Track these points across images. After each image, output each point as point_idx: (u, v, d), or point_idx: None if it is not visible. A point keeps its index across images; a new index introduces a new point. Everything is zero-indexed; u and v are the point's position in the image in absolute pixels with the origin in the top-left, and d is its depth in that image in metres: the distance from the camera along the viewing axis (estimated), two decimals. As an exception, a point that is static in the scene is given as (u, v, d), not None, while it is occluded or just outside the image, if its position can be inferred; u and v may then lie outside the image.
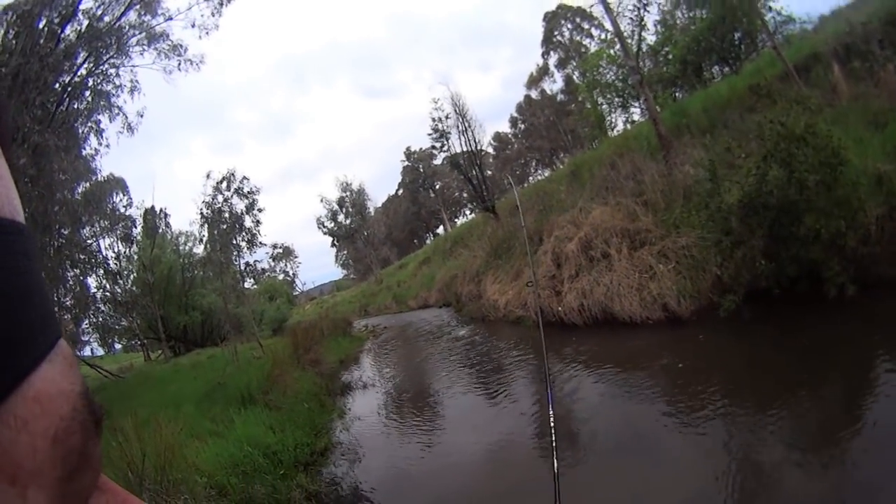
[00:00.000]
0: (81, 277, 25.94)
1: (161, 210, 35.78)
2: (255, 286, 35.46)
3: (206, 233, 24.54)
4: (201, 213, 23.78)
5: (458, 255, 30.16)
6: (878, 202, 8.57)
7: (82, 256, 24.42)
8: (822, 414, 6.09)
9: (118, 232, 29.98)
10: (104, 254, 29.00)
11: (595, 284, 13.18)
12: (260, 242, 25.41)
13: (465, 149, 30.90)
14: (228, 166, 33.70)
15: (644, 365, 9.61)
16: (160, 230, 35.61)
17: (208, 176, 23.70)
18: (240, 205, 24.48)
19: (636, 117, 32.67)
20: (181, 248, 36.31)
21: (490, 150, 62.11)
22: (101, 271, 27.71)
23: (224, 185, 23.98)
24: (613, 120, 35.31)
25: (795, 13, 24.55)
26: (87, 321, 29.55)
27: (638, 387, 8.76)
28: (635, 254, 12.99)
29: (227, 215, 24.04)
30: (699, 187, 11.84)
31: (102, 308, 30.74)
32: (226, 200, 23.96)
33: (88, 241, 26.17)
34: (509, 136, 68.71)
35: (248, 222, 24.73)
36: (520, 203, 11.15)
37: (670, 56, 29.07)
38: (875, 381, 6.22)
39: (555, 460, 2.74)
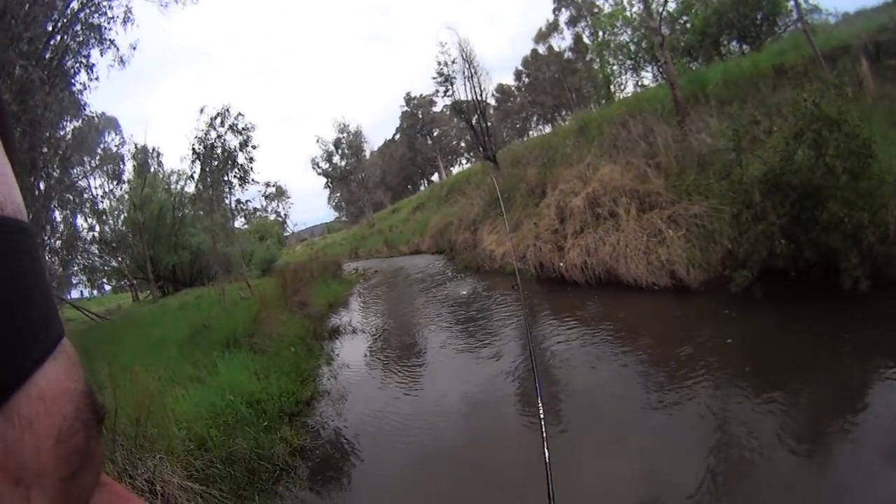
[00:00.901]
0: (71, 219, 25.72)
1: (154, 149, 35.48)
2: (246, 226, 35.35)
3: (197, 169, 24.01)
4: (193, 149, 23.28)
5: (454, 202, 29.75)
6: None
7: (70, 196, 24.04)
8: (819, 404, 5.93)
9: (108, 170, 29.47)
10: (94, 193, 28.63)
11: (600, 243, 12.82)
12: (252, 180, 24.87)
13: (469, 95, 30.33)
14: (224, 102, 32.72)
15: (647, 332, 9.38)
16: (152, 169, 35.25)
17: (202, 111, 23.26)
18: (233, 141, 23.98)
19: (646, 82, 32.11)
20: (173, 186, 35.77)
21: (492, 101, 61.46)
22: (89, 210, 27.33)
23: (218, 121, 23.47)
24: (623, 82, 34.80)
25: (822, 4, 24.18)
26: (75, 264, 29.17)
27: (637, 355, 8.50)
28: (644, 216, 12.57)
29: (219, 151, 23.50)
30: (717, 157, 11.56)
31: (92, 248, 30.68)
32: (219, 136, 23.44)
33: (77, 181, 25.87)
34: (513, 88, 67.78)
35: (241, 159, 24.21)
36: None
37: (688, 25, 28.72)
38: (879, 380, 6.01)
39: (545, 450, 2.49)
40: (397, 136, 77.69)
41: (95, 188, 29.40)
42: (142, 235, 30.51)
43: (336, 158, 61.21)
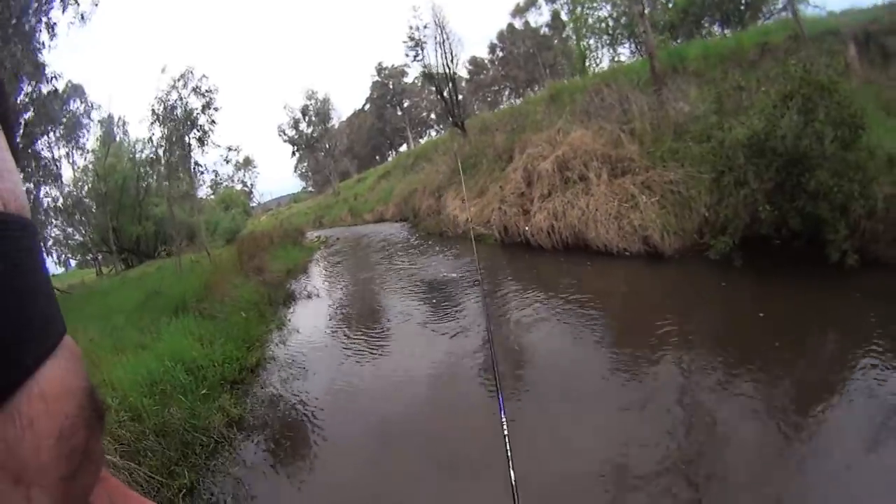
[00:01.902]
0: (34, 191, 24.91)
1: (119, 118, 34.14)
2: (212, 196, 35.11)
3: (156, 131, 23.25)
4: (152, 110, 22.52)
5: (421, 170, 29.13)
6: (889, 182, 7.89)
7: (33, 167, 23.23)
8: (796, 380, 5.48)
9: (73, 140, 28.36)
10: (58, 165, 27.50)
11: (569, 207, 12.18)
12: (212, 141, 24.07)
13: (440, 61, 29.51)
14: (187, 65, 31.92)
15: (617, 300, 8.91)
16: (117, 139, 33.98)
17: (163, 70, 22.61)
18: (196, 103, 23.29)
19: (623, 58, 31.61)
20: (137, 155, 34.32)
21: (464, 73, 60.69)
22: (52, 181, 26.40)
23: (181, 83, 22.75)
24: (599, 57, 34.22)
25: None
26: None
27: (607, 323, 7.97)
28: (616, 181, 11.96)
29: (178, 112, 22.78)
30: (697, 123, 11.12)
31: (55, 222, 29.54)
32: (180, 98, 22.74)
33: (41, 151, 25.08)
34: (486, 61, 66.85)
35: (202, 120, 23.51)
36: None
37: (670, 5, 28.29)
38: (863, 358, 5.53)
39: (511, 471, 2.16)
40: (367, 107, 76.40)
41: (59, 158, 28.14)
42: (105, 206, 29.40)
43: (303, 125, 59.92)
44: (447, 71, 29.09)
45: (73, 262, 36.39)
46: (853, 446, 4.26)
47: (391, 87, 70.79)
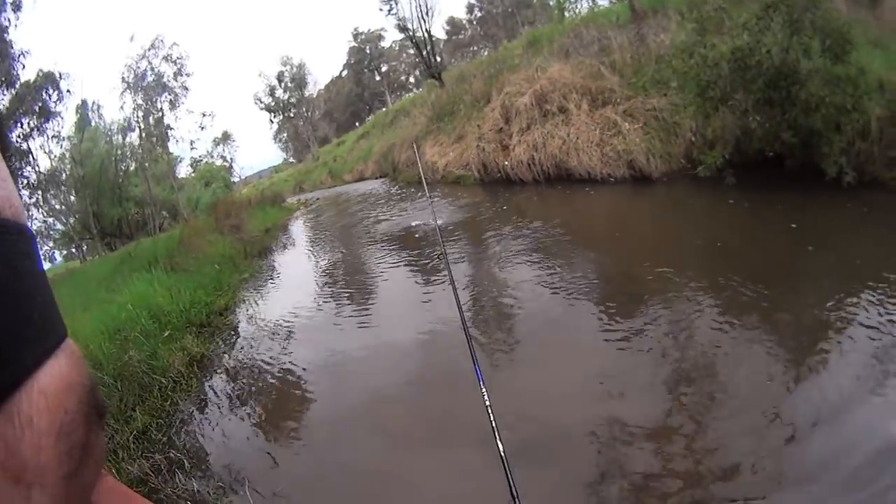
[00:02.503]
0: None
1: (94, 102, 32.80)
2: (193, 173, 35.12)
3: (127, 100, 22.95)
4: (122, 78, 22.24)
5: (399, 125, 28.65)
6: (881, 105, 7.51)
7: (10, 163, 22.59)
8: (795, 307, 4.95)
9: (40, 127, 27.74)
10: (34, 156, 26.92)
11: (549, 137, 11.88)
12: (185, 108, 23.96)
13: (415, 13, 28.92)
14: (157, 32, 31.56)
15: (603, 225, 8.70)
16: (93, 123, 32.83)
17: (132, 39, 22.29)
18: (168, 70, 23.10)
19: (603, 3, 31.05)
20: (114, 138, 33.60)
21: (442, 34, 60.13)
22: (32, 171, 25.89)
23: (151, 51, 22.50)
24: (578, 8, 33.65)
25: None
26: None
27: (593, 251, 7.64)
28: (597, 112, 11.65)
29: (150, 78, 22.58)
30: (678, 51, 10.57)
31: (34, 214, 28.88)
32: (150, 66, 22.57)
33: (19, 143, 24.75)
34: (464, 21, 66.14)
35: (172, 83, 23.34)
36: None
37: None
38: (868, 283, 4.97)
39: (499, 443, 2.06)
40: (344, 73, 75.65)
41: (36, 149, 27.57)
42: (84, 191, 28.84)
43: (279, 92, 59.18)
44: (422, 23, 28.57)
45: (58, 257, 35.95)
46: (856, 372, 3.86)
47: (368, 51, 70.12)
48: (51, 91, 28.04)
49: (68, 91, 28.33)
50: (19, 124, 24.76)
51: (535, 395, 4.40)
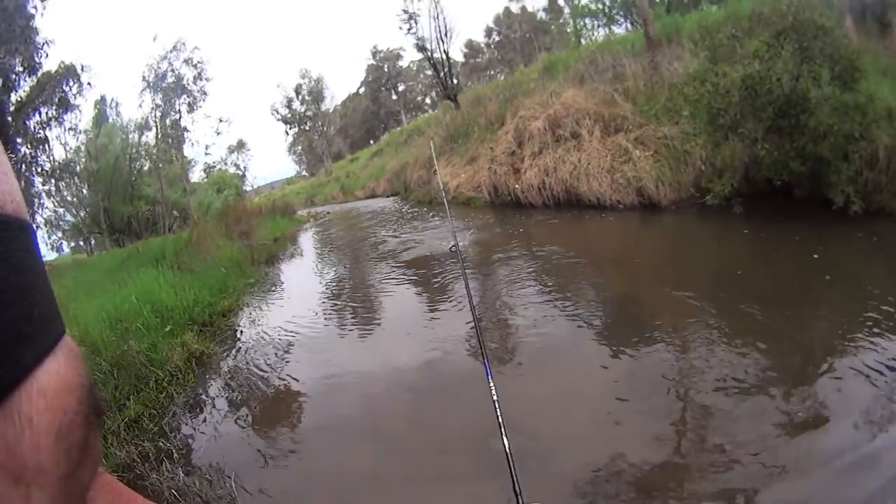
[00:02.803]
0: (27, 173, 24.81)
1: (112, 99, 33.14)
2: (206, 178, 35.28)
3: (146, 99, 23.28)
4: (143, 77, 22.61)
5: (413, 145, 28.82)
6: (889, 133, 7.56)
7: (26, 150, 22.96)
8: (797, 338, 4.90)
9: (58, 117, 28.04)
10: (50, 146, 27.17)
11: (560, 163, 11.93)
12: (202, 112, 24.29)
13: (433, 34, 29.17)
14: (180, 35, 31.93)
15: (613, 251, 8.64)
16: (110, 119, 33.14)
17: (155, 39, 22.70)
18: (188, 73, 23.48)
19: (619, 31, 31.34)
20: (130, 136, 33.85)
21: (460, 56, 60.50)
22: (47, 160, 26.12)
23: (173, 53, 22.89)
24: (595, 35, 33.93)
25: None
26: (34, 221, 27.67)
27: (602, 276, 7.64)
28: (609, 138, 11.72)
29: (170, 79, 22.95)
30: (690, 79, 10.65)
31: (45, 203, 29.07)
32: (171, 67, 22.94)
33: (37, 131, 24.83)
34: (482, 45, 66.53)
35: (191, 86, 23.69)
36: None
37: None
38: (873, 316, 4.92)
39: (505, 440, 2.07)
40: (361, 90, 76.03)
41: (53, 139, 27.82)
42: (97, 186, 29.04)
43: (296, 104, 59.65)
44: (441, 44, 28.79)
45: (66, 248, 36.07)
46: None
47: (386, 70, 70.43)
48: (71, 83, 28.39)
49: (89, 84, 28.63)
50: (38, 113, 24.95)
51: (538, 406, 4.41)
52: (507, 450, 1.99)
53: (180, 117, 23.83)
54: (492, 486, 3.40)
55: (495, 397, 2.22)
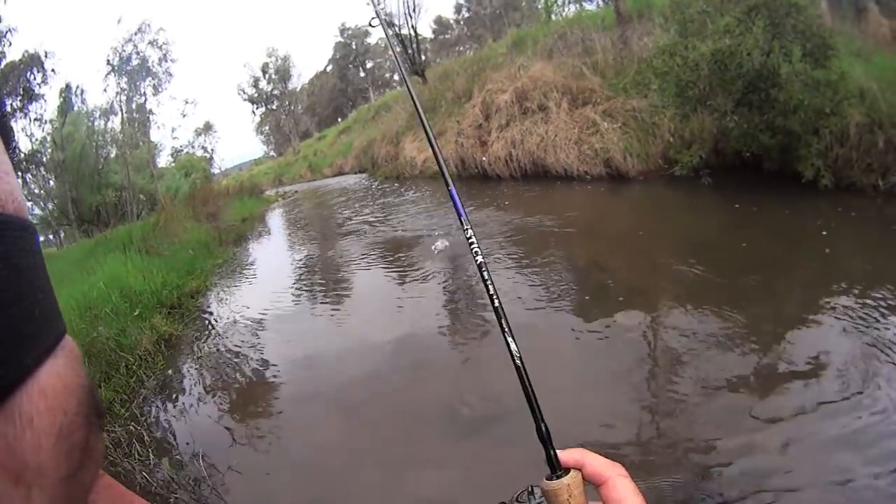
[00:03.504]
0: None
1: (78, 86, 32.22)
2: (173, 163, 35.08)
3: (111, 82, 22.85)
4: (107, 61, 22.19)
5: (381, 121, 28.59)
6: (861, 111, 7.63)
7: None
8: (764, 308, 4.89)
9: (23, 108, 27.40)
10: (14, 137, 26.52)
11: (527, 134, 11.92)
12: (165, 89, 23.92)
13: (402, 9, 28.86)
14: (144, 17, 31.37)
15: (581, 221, 8.54)
16: (75, 107, 32.30)
17: (119, 21, 22.24)
18: (153, 56, 23.11)
19: (590, 7, 31.20)
20: (96, 123, 33.18)
21: (429, 32, 60.20)
22: (11, 152, 25.56)
23: (138, 36, 22.50)
24: (565, 12, 33.76)
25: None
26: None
27: (569, 246, 7.59)
28: (577, 111, 11.68)
29: (135, 62, 22.57)
30: (660, 51, 10.59)
31: None
32: (136, 49, 22.54)
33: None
34: (451, 21, 66.19)
35: (156, 68, 23.33)
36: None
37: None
38: (842, 285, 4.97)
39: (511, 344, 1.39)
40: (329, 68, 75.36)
41: (18, 131, 27.13)
42: (64, 176, 28.37)
43: (262, 83, 59.00)
44: (408, 19, 28.55)
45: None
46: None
47: (354, 47, 69.90)
48: (35, 72, 27.71)
49: (53, 71, 27.94)
50: (2, 105, 24.35)
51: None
52: (517, 357, 1.85)
53: (146, 100, 23.38)
54: (461, 450, 3.73)
55: (497, 304, 2.07)
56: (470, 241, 0.79)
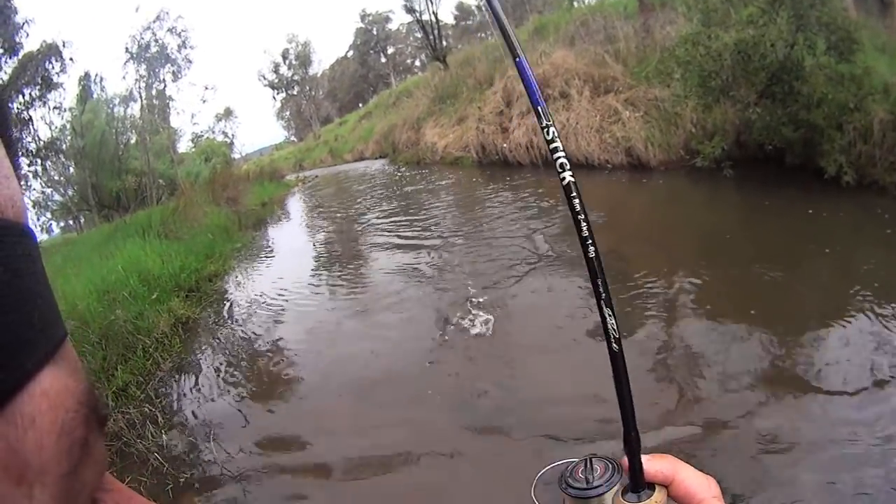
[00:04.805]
0: (13, 157, 24.11)
1: (97, 74, 31.87)
2: (193, 149, 34.90)
3: (130, 70, 23.00)
4: (126, 48, 22.37)
5: (402, 106, 28.61)
6: (885, 108, 7.44)
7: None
8: (778, 305, 4.91)
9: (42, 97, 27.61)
10: (34, 127, 26.70)
11: None
12: (184, 75, 24.01)
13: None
14: (162, 5, 31.52)
15: (599, 208, 8.47)
16: (94, 95, 32.11)
17: (137, 10, 22.37)
18: (172, 43, 23.14)
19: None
20: (115, 110, 33.06)
21: (451, 19, 59.83)
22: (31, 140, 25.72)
23: (157, 24, 22.57)
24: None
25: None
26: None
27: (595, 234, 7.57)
28: (598, 99, 11.70)
29: (153, 49, 22.66)
30: (682, 41, 10.54)
31: (34, 186, 28.63)
32: (154, 36, 22.63)
33: (21, 112, 24.54)
34: (472, 7, 65.81)
35: (175, 55, 23.41)
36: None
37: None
38: (858, 287, 4.90)
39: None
40: (350, 53, 75.16)
41: (37, 120, 27.35)
42: (83, 163, 28.43)
43: (283, 69, 58.86)
44: (430, 5, 28.47)
45: (55, 229, 35.82)
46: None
47: (375, 33, 69.55)
48: (53, 61, 27.91)
49: (71, 59, 28.06)
50: (21, 94, 24.52)
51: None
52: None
53: (165, 87, 23.51)
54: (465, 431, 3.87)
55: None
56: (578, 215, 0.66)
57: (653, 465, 0.60)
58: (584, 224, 0.61)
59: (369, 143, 30.52)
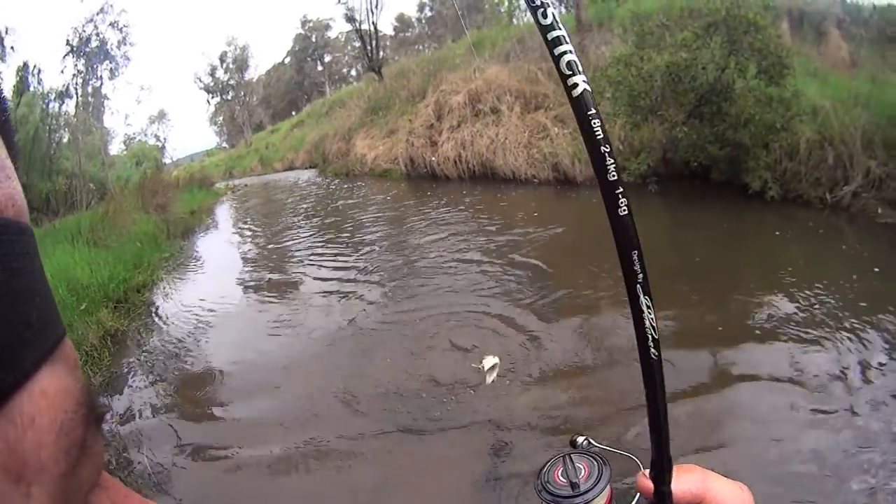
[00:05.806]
0: None
1: (35, 66, 30.89)
2: (125, 151, 34.99)
3: (68, 63, 22.30)
4: (67, 41, 21.69)
5: (334, 116, 28.44)
6: (812, 128, 7.88)
7: None
8: (692, 311, 5.08)
9: None
10: None
11: (478, 136, 12.02)
12: (121, 73, 23.45)
13: (364, 5, 28.63)
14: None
15: (523, 221, 8.73)
16: (31, 87, 31.23)
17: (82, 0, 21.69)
18: (113, 38, 22.49)
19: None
20: (50, 105, 32.17)
21: (390, 30, 60.14)
22: None
23: (100, 16, 21.94)
24: (527, 16, 33.85)
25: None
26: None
27: (506, 244, 7.77)
28: (528, 115, 11.79)
29: (94, 44, 22.03)
30: (615, 61, 10.61)
31: None
32: (96, 30, 22.00)
33: None
34: (413, 19, 66.15)
35: (115, 51, 22.77)
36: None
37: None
38: (782, 292, 5.13)
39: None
40: (287, 59, 74.64)
41: None
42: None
43: (219, 73, 58.16)
44: (370, 15, 28.36)
45: None
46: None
47: (314, 40, 69.40)
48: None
49: (12, 48, 27.02)
50: (3, 104, 23.51)
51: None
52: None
53: (101, 84, 22.75)
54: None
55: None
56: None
57: (681, 484, 0.55)
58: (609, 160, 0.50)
59: (300, 153, 30.39)
